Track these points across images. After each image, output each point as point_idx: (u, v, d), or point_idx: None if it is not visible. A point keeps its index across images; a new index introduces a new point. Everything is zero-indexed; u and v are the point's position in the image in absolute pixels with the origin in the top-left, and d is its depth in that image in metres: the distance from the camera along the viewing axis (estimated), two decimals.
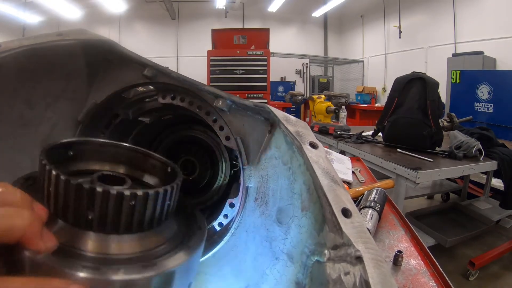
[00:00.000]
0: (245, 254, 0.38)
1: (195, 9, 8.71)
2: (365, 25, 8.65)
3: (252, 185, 0.40)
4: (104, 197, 0.22)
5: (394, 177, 1.64)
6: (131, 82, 0.44)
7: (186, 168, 0.62)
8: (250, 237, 0.39)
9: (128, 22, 8.66)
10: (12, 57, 0.34)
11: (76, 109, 0.44)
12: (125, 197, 0.22)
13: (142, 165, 0.33)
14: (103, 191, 0.22)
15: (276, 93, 7.16)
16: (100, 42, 0.40)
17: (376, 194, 0.82)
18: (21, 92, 0.38)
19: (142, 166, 0.33)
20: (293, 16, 9.14)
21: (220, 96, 0.40)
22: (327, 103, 2.68)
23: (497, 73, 4.13)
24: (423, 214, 2.30)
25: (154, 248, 0.25)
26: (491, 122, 3.54)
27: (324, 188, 0.27)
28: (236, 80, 5.25)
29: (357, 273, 0.21)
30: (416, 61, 6.53)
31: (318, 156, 0.30)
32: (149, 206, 0.24)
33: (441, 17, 6.09)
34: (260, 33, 5.97)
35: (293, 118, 0.36)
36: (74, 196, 0.22)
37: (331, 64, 9.48)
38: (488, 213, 2.25)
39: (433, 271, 0.59)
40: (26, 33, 7.52)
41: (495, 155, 1.89)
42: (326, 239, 0.25)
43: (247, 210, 0.40)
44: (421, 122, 1.91)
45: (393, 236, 0.72)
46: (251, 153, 0.40)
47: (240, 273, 0.36)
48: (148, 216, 0.24)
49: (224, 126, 0.41)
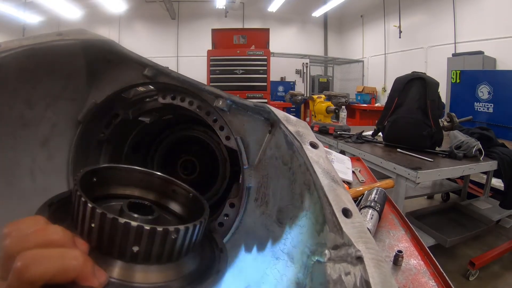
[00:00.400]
0: (245, 254, 0.38)
1: (195, 9, 8.71)
2: (365, 25, 8.65)
3: (253, 185, 0.40)
4: (147, 233, 0.23)
5: (394, 177, 1.64)
6: (131, 82, 0.44)
7: (186, 168, 0.62)
8: (251, 237, 0.39)
9: (128, 22, 8.66)
10: (12, 57, 0.34)
11: (76, 109, 0.44)
12: (158, 232, 0.24)
13: (166, 192, 0.35)
14: (150, 229, 0.23)
15: (276, 93, 7.16)
16: (100, 42, 0.40)
17: (376, 194, 0.82)
18: (21, 92, 0.38)
19: (166, 192, 0.35)
20: (293, 16, 9.14)
21: (220, 96, 0.40)
22: (327, 103, 2.68)
23: (497, 73, 4.13)
24: (423, 214, 2.30)
25: (176, 279, 0.26)
26: (491, 122, 3.54)
27: (324, 188, 0.27)
28: (236, 80, 5.25)
29: (358, 273, 0.21)
30: (416, 61, 6.53)
31: (319, 156, 0.30)
32: (179, 240, 0.25)
33: (441, 17, 6.09)
34: (260, 33, 5.97)
35: (293, 118, 0.36)
36: (120, 233, 0.23)
37: (331, 64, 9.48)
38: (488, 213, 2.25)
39: (433, 271, 0.59)
40: (26, 33, 7.52)
41: (495, 155, 1.89)
42: (327, 239, 0.25)
43: (247, 210, 0.40)
44: (421, 122, 1.91)
45: (393, 236, 0.72)
46: (251, 153, 0.40)
47: (240, 273, 0.36)
48: (177, 248, 0.26)
49: (224, 126, 0.41)
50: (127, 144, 0.55)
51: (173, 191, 0.35)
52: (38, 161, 0.41)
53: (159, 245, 0.24)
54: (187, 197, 0.35)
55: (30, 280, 0.17)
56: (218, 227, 0.44)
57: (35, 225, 0.20)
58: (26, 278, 0.17)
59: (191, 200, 0.34)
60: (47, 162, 0.42)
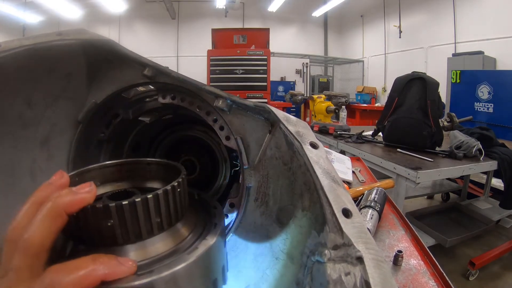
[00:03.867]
0: (245, 254, 0.38)
1: (195, 8, 8.71)
2: (365, 25, 8.65)
3: (252, 185, 0.40)
4: (124, 209, 0.23)
5: (394, 177, 1.64)
6: (131, 82, 0.43)
7: (186, 168, 0.61)
8: (250, 237, 0.39)
9: (128, 22, 8.66)
10: (12, 57, 0.34)
11: (76, 109, 0.44)
12: (138, 203, 0.24)
13: (145, 174, 0.34)
14: (129, 202, 0.23)
15: (276, 93, 7.17)
16: (100, 42, 0.40)
17: (376, 194, 0.82)
18: (21, 92, 0.38)
19: (145, 175, 0.34)
20: (293, 16, 9.14)
21: (220, 96, 0.40)
22: (327, 103, 2.68)
23: (497, 73, 4.13)
24: (423, 214, 2.30)
25: (183, 240, 0.27)
26: (491, 122, 3.54)
27: (324, 188, 0.27)
28: (236, 80, 5.26)
29: (358, 274, 0.21)
30: (416, 61, 6.53)
31: (319, 156, 0.30)
32: (162, 206, 0.26)
33: (441, 17, 6.09)
34: (260, 33, 5.97)
35: (293, 118, 0.36)
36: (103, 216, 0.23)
37: (331, 64, 9.48)
38: (488, 213, 2.25)
39: (433, 271, 0.59)
40: (26, 33, 7.52)
41: (495, 155, 1.89)
42: (327, 240, 0.25)
43: (247, 210, 0.40)
44: (421, 122, 1.91)
45: (393, 236, 0.72)
46: (251, 153, 0.40)
47: (240, 273, 0.36)
48: (165, 214, 0.26)
49: (224, 126, 0.41)
50: (127, 144, 0.55)
51: (146, 170, 0.35)
52: (38, 161, 0.41)
53: (144, 218, 0.24)
54: (161, 169, 0.34)
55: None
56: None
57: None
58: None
59: (166, 170, 0.34)
60: (47, 161, 0.42)
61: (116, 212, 0.23)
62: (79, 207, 0.22)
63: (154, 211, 0.25)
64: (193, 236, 0.28)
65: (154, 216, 0.25)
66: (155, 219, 0.25)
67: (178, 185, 0.27)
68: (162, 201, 0.25)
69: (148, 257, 0.25)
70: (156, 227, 0.26)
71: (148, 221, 0.25)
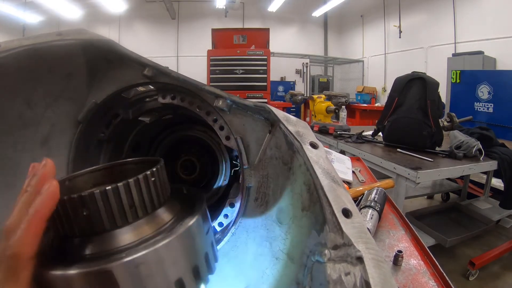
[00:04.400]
0: (245, 254, 0.38)
1: (195, 8, 8.71)
2: (365, 25, 8.65)
3: (252, 185, 0.40)
4: (99, 197, 0.24)
5: (394, 177, 1.64)
6: (131, 82, 0.43)
7: (187, 168, 0.62)
8: (250, 237, 0.39)
9: (128, 22, 8.66)
10: (12, 57, 0.34)
11: (76, 109, 0.44)
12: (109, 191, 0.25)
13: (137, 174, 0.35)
14: (88, 194, 0.24)
15: (276, 92, 7.17)
16: (100, 42, 0.40)
17: (376, 194, 0.82)
18: (21, 92, 0.38)
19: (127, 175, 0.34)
20: (293, 16, 9.14)
21: (220, 95, 0.40)
22: (327, 103, 2.68)
23: (497, 73, 4.13)
24: (423, 214, 2.30)
25: (167, 222, 0.28)
26: (491, 122, 3.54)
27: (324, 188, 0.27)
28: (236, 80, 5.25)
29: (358, 274, 0.21)
30: (416, 61, 6.53)
31: (319, 156, 0.30)
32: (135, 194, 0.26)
33: (441, 17, 6.09)
34: (260, 32, 5.97)
35: (293, 118, 0.36)
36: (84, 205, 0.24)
37: (331, 64, 9.48)
38: (488, 213, 2.25)
39: (433, 271, 0.59)
40: (26, 33, 7.52)
41: (495, 155, 1.89)
42: (327, 239, 0.25)
43: (247, 210, 0.40)
44: (421, 122, 1.91)
45: (393, 236, 0.72)
46: (251, 153, 0.40)
47: (240, 273, 0.36)
48: (147, 199, 0.27)
49: (224, 126, 0.41)
50: (127, 144, 0.55)
51: (127, 170, 0.35)
52: (38, 161, 0.41)
53: (118, 204, 0.25)
54: (142, 166, 0.34)
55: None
56: (217, 226, 0.44)
57: None
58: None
59: (146, 166, 0.34)
60: None
61: (89, 201, 0.24)
62: (52, 205, 0.22)
63: (126, 199, 0.25)
64: (173, 222, 0.29)
65: (126, 203, 0.26)
66: (128, 207, 0.26)
67: (152, 174, 0.28)
68: (134, 189, 0.26)
69: (129, 242, 0.25)
70: (130, 214, 0.26)
71: (121, 208, 0.25)
